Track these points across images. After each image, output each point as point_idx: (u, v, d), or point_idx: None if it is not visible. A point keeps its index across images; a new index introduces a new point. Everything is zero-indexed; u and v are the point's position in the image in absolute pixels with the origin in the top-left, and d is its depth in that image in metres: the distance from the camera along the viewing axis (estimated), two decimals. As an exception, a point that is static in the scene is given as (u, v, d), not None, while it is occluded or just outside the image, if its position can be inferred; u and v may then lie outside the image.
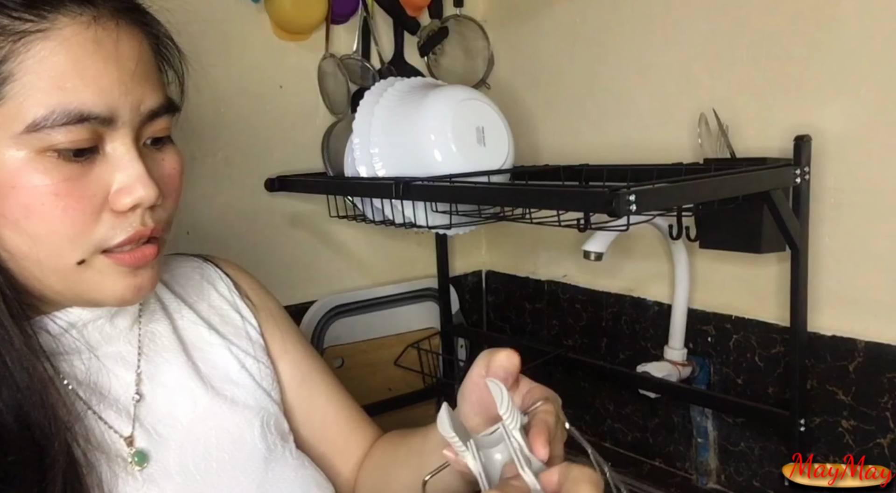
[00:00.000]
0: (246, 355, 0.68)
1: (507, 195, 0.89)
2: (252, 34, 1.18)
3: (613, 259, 1.19)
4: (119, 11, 0.52)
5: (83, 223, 0.51)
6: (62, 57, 0.48)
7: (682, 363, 1.09)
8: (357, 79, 1.25)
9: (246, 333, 0.70)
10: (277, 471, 0.64)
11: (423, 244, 1.42)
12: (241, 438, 0.63)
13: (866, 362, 0.91)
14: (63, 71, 0.48)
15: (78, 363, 0.57)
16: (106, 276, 0.53)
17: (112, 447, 0.57)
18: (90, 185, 0.51)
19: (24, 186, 0.49)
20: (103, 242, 0.52)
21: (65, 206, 0.49)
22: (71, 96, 0.48)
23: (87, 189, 0.51)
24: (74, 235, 0.51)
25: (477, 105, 1.04)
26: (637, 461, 1.21)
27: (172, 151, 0.58)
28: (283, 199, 1.21)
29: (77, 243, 0.51)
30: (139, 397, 0.60)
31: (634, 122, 1.15)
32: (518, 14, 1.32)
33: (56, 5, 0.49)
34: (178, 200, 0.59)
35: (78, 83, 0.49)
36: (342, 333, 1.29)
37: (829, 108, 0.92)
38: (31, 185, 0.49)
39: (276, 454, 0.65)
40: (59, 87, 0.48)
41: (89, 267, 0.52)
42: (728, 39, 1.01)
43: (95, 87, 0.49)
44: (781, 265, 0.98)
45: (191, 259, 0.74)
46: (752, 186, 0.85)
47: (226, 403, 0.64)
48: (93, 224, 0.51)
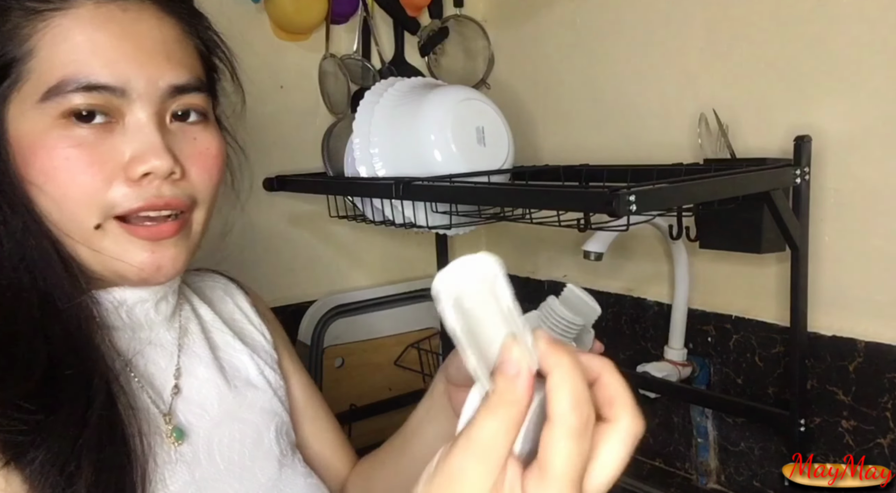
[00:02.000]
0: (265, 365, 0.71)
1: (507, 195, 0.89)
2: (252, 34, 1.18)
3: (613, 259, 1.19)
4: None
5: (94, 188, 0.53)
6: (76, 31, 0.52)
7: (682, 363, 1.09)
8: (357, 79, 1.25)
9: (263, 346, 0.73)
10: (289, 475, 0.66)
11: (423, 244, 1.42)
12: (259, 438, 0.65)
13: (866, 362, 0.91)
14: (76, 44, 0.52)
15: (125, 339, 0.60)
16: (123, 247, 0.55)
17: (152, 417, 0.58)
18: (104, 151, 0.53)
19: (42, 149, 0.52)
20: (115, 206, 0.54)
21: (77, 169, 0.52)
22: (81, 66, 0.52)
23: (101, 155, 0.53)
24: (87, 199, 0.53)
25: (477, 105, 1.04)
26: (637, 460, 1.21)
27: (209, 131, 0.60)
28: (283, 199, 1.21)
29: (90, 207, 0.53)
30: (177, 388, 0.62)
31: (634, 122, 1.15)
32: (518, 14, 1.32)
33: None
34: (212, 181, 0.60)
35: (88, 55, 0.52)
36: (342, 333, 1.29)
37: (829, 108, 0.92)
38: (48, 148, 0.52)
39: (288, 459, 0.67)
40: (71, 59, 0.52)
41: (106, 234, 0.55)
42: (728, 39, 1.01)
43: (104, 59, 0.53)
44: (781, 265, 0.99)
45: (213, 274, 0.78)
46: (752, 187, 0.85)
47: (246, 403, 0.66)
48: (104, 189, 0.53)
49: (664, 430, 1.17)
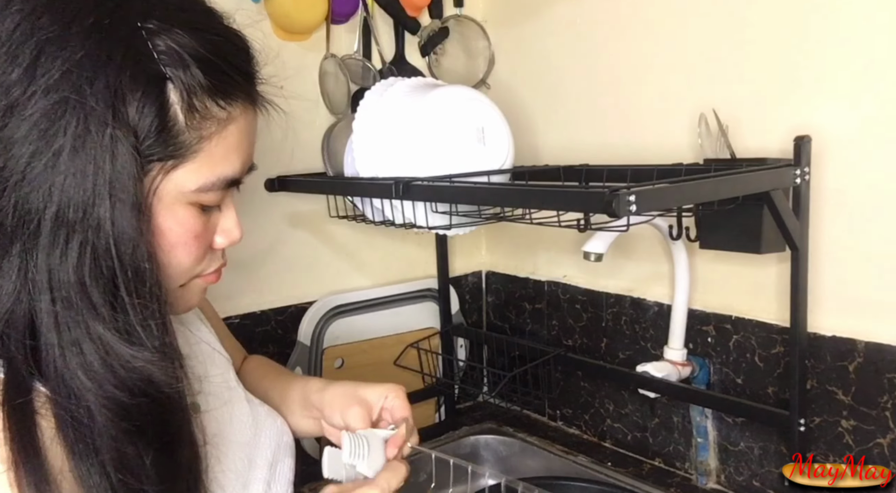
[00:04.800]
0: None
1: (507, 195, 0.89)
2: (252, 34, 1.17)
3: (613, 259, 1.19)
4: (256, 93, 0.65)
5: (199, 259, 0.62)
6: (235, 137, 0.60)
7: (681, 363, 1.09)
8: (358, 79, 1.25)
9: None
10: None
11: (423, 244, 1.42)
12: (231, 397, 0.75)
13: (866, 362, 0.91)
14: (232, 146, 0.60)
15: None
16: (193, 294, 0.65)
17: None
18: (209, 230, 0.62)
19: (174, 229, 0.59)
20: (201, 272, 0.64)
21: (196, 246, 0.60)
22: (232, 167, 0.61)
23: (209, 233, 0.62)
24: (192, 267, 0.62)
25: (477, 105, 1.04)
26: (637, 461, 1.21)
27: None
28: (283, 199, 1.21)
29: (189, 273, 0.62)
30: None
31: (634, 122, 1.15)
32: (518, 14, 1.32)
33: (236, 98, 0.61)
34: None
35: (236, 158, 0.61)
36: (342, 333, 1.29)
37: (829, 108, 0.92)
38: (181, 227, 0.59)
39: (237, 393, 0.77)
40: (225, 159, 0.60)
41: (187, 289, 0.64)
42: (728, 39, 1.01)
43: (246, 157, 0.63)
44: (781, 265, 0.99)
45: None
46: (752, 187, 0.85)
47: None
48: (202, 259, 0.63)
49: (664, 430, 1.17)
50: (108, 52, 0.52)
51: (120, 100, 0.52)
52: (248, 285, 1.21)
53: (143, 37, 0.54)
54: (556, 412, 1.36)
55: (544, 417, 1.38)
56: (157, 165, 0.55)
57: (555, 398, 1.33)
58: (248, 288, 1.22)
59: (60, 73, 0.51)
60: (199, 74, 0.56)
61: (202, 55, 0.56)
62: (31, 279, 0.52)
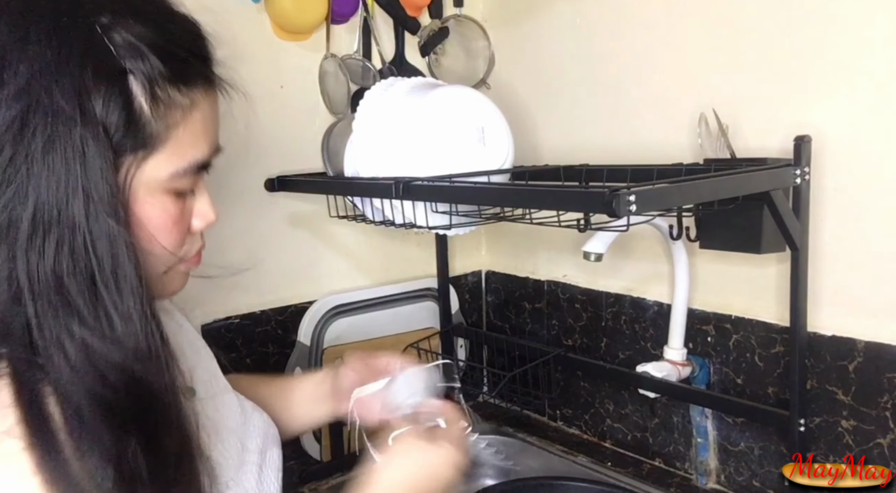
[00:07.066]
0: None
1: (507, 195, 0.89)
2: (252, 34, 1.18)
3: (613, 259, 1.19)
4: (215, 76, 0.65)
5: (180, 244, 0.63)
6: (200, 122, 0.60)
7: (681, 363, 1.09)
8: (358, 79, 1.25)
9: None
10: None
11: (423, 244, 1.42)
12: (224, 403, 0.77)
13: (866, 362, 0.91)
14: (199, 131, 0.60)
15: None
16: (176, 279, 0.66)
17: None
18: (186, 214, 0.63)
19: (153, 218, 0.59)
20: (183, 256, 0.65)
21: (176, 231, 0.61)
22: (201, 151, 0.61)
23: (186, 217, 0.63)
24: (174, 253, 0.62)
25: (477, 105, 1.04)
26: (637, 461, 1.21)
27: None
28: (283, 199, 1.21)
29: (171, 259, 0.63)
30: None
31: (634, 122, 1.15)
32: (518, 14, 1.32)
33: (196, 83, 0.60)
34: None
35: (204, 142, 0.61)
36: (342, 333, 1.29)
37: (829, 108, 0.92)
38: (160, 215, 0.60)
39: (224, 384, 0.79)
40: (193, 144, 0.60)
41: (169, 275, 0.65)
42: (728, 39, 1.01)
43: (213, 140, 0.63)
44: (781, 265, 0.99)
45: None
46: (752, 187, 0.85)
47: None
48: (183, 244, 0.63)
49: (664, 430, 1.17)
50: (69, 52, 0.53)
51: (86, 98, 0.53)
52: (248, 285, 1.21)
53: (98, 33, 0.54)
54: (556, 412, 1.36)
55: (544, 417, 1.38)
56: (129, 158, 0.56)
57: (555, 398, 1.33)
58: (248, 288, 1.22)
59: (26, 78, 0.52)
60: (157, 64, 0.56)
61: (158, 44, 0.57)
62: (16, 281, 0.53)
